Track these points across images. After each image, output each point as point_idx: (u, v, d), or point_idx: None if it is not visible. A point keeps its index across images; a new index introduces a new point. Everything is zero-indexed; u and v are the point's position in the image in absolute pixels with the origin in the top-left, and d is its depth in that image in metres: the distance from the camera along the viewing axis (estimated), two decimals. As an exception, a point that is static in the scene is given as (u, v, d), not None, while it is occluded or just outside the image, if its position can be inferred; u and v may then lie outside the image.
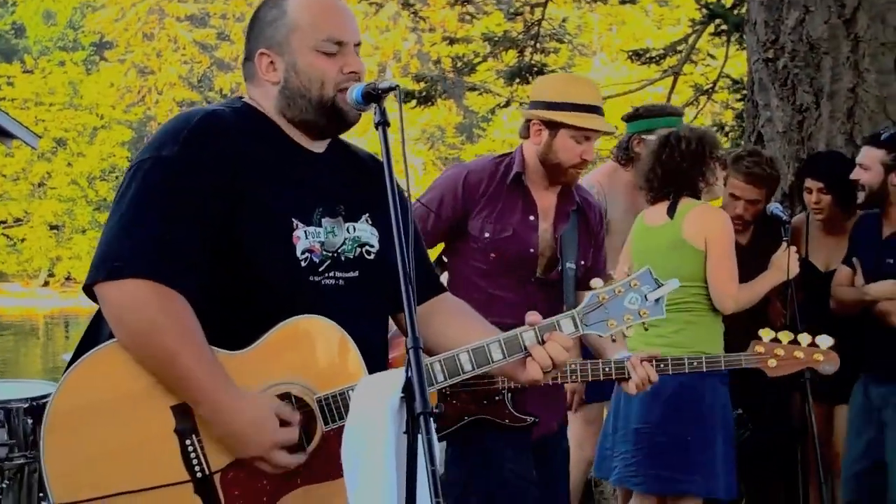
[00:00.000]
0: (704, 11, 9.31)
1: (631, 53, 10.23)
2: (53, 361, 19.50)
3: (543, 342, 2.50)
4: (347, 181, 2.61)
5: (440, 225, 3.82)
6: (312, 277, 2.46)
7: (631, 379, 3.54)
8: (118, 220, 2.35)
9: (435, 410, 2.10)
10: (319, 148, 2.60)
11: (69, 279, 39.92)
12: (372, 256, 2.58)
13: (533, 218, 3.82)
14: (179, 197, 2.35)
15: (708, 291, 4.59)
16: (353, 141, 2.74)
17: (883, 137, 4.77)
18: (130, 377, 2.33)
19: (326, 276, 2.49)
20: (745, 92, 6.60)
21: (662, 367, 3.61)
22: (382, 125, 2.34)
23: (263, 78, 2.55)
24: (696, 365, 3.69)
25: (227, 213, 2.38)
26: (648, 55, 9.88)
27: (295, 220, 2.46)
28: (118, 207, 2.38)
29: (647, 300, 2.57)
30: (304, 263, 2.45)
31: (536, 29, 10.05)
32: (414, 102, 10.45)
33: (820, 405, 5.03)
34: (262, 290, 2.40)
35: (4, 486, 3.70)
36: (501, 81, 10.61)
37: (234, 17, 44.28)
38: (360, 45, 2.57)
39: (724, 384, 4.49)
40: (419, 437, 2.08)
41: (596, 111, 3.77)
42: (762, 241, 5.10)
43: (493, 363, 2.49)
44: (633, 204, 5.29)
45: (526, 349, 2.50)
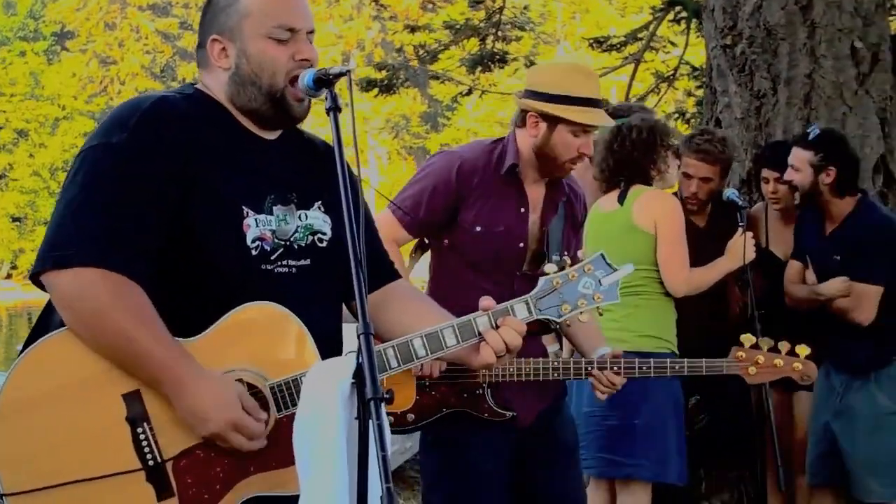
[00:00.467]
0: (664, -2, 9.34)
1: (592, 41, 10.25)
2: (16, 354, 19.34)
3: (497, 327, 2.50)
4: (300, 168, 2.59)
5: (432, 215, 3.68)
6: (264, 266, 2.45)
7: (597, 383, 3.60)
8: (65, 207, 2.33)
9: (385, 396, 2.10)
10: (272, 135, 2.58)
11: (32, 271, 39.58)
12: (324, 244, 2.57)
13: (524, 210, 3.71)
14: (128, 183, 2.33)
15: (659, 275, 4.61)
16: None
17: (810, 138, 4.80)
18: (81, 365, 2.31)
19: (279, 264, 2.47)
20: (704, 79, 6.62)
21: (645, 369, 3.62)
22: (333, 111, 2.31)
23: (215, 64, 2.53)
24: (678, 368, 3.70)
25: (177, 199, 2.36)
26: (609, 43, 9.90)
27: (245, 207, 2.44)
28: (65, 194, 2.36)
29: (601, 285, 2.57)
30: (254, 252, 2.43)
31: (498, 17, 10.04)
32: (376, 91, 10.42)
33: (780, 392, 5.07)
34: (213, 277, 2.38)
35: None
36: (464, 70, 10.60)
37: (196, 6, 43.96)
38: (313, 32, 2.55)
39: None
40: (370, 422, 2.08)
41: (596, 104, 3.64)
42: (719, 224, 5.13)
43: (447, 348, 2.48)
44: None
45: (480, 334, 2.49)
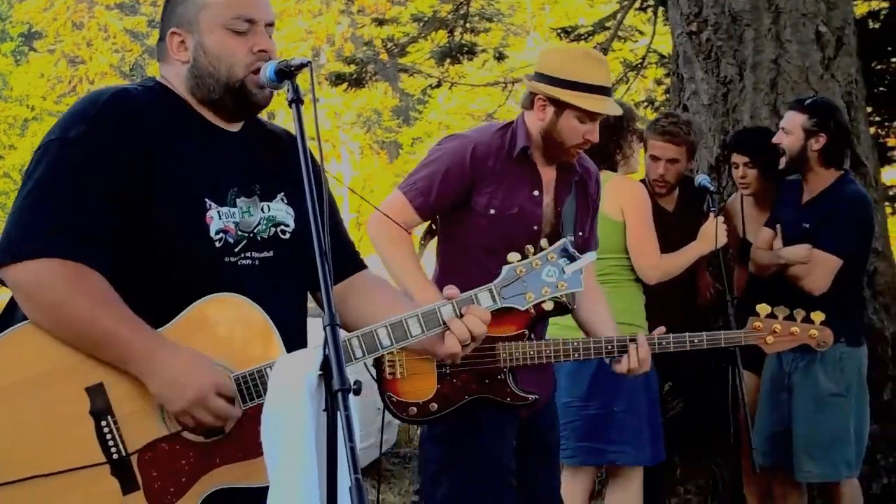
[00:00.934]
0: (631, -13, 9.35)
1: (560, 31, 10.26)
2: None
3: (462, 315, 2.50)
4: (263, 160, 2.59)
5: (445, 198, 3.65)
6: (228, 258, 2.45)
7: (626, 358, 3.54)
8: (22, 201, 2.32)
9: (353, 387, 2.10)
10: (234, 127, 2.57)
11: (4, 273, 39.28)
12: (287, 236, 2.57)
13: (538, 193, 3.68)
14: (85, 176, 2.32)
15: (627, 262, 4.62)
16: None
17: (807, 102, 4.82)
18: (43, 359, 2.30)
19: (242, 256, 2.47)
20: (671, 66, 6.64)
21: (664, 344, 3.61)
22: (295, 102, 2.32)
23: (174, 57, 2.52)
24: (696, 342, 3.67)
25: (138, 192, 2.35)
26: (577, 32, 9.90)
27: (208, 200, 2.43)
28: (23, 189, 2.35)
29: (564, 273, 2.58)
30: (218, 244, 2.43)
31: (466, 9, 10.03)
32: (346, 85, 10.39)
33: (754, 375, 5.10)
34: (176, 270, 2.38)
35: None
36: (433, 62, 10.58)
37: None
38: (272, 25, 2.55)
39: None
40: (338, 413, 2.08)
41: (606, 92, 3.62)
42: (688, 208, 5.15)
43: (411, 337, 2.48)
44: None
45: (444, 323, 2.50)
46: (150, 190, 2.36)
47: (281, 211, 2.57)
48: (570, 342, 3.60)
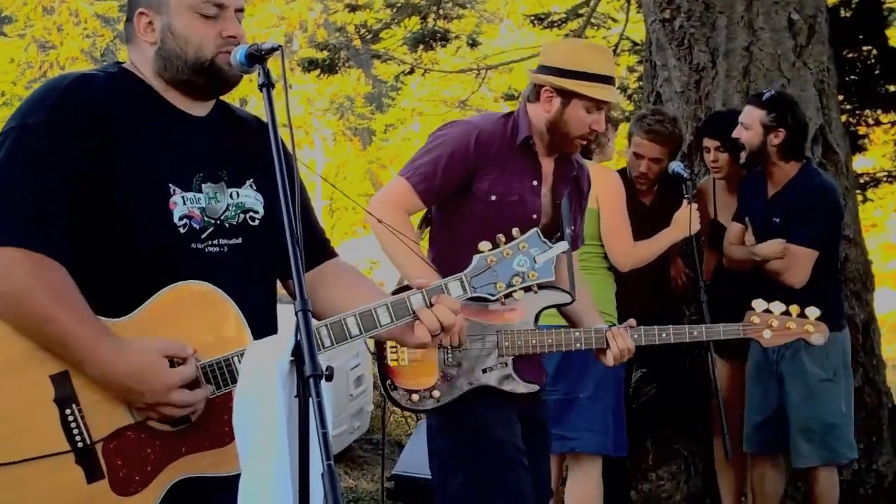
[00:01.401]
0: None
1: (533, 18, 10.24)
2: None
3: (431, 305, 2.48)
4: (231, 145, 2.56)
5: (448, 183, 3.63)
6: (195, 245, 2.42)
7: (609, 349, 3.56)
8: None
9: (325, 373, 2.09)
10: (201, 112, 2.54)
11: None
12: (256, 223, 2.54)
13: (536, 183, 3.69)
14: (46, 163, 2.29)
15: (601, 250, 4.63)
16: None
17: (765, 97, 4.83)
18: (7, 346, 2.27)
19: (209, 243, 2.44)
20: (644, 54, 6.65)
21: (664, 336, 3.62)
22: (266, 86, 2.29)
23: (141, 38, 2.49)
24: (695, 334, 3.69)
25: (100, 178, 2.32)
26: (550, 20, 9.89)
27: (172, 185, 2.41)
28: None
29: (535, 262, 2.55)
30: (182, 230, 2.40)
31: (439, -6, 10.01)
32: (318, 71, 10.34)
33: (730, 361, 5.12)
34: (141, 256, 2.35)
35: None
36: (406, 49, 10.55)
37: (136, -11, 43.27)
38: (242, 11, 2.52)
39: None
40: (310, 399, 2.07)
41: (611, 82, 3.64)
42: (665, 200, 5.17)
43: (380, 327, 2.46)
44: None
45: (414, 313, 2.47)
46: (112, 175, 2.33)
47: (250, 197, 2.54)
48: (571, 332, 3.60)
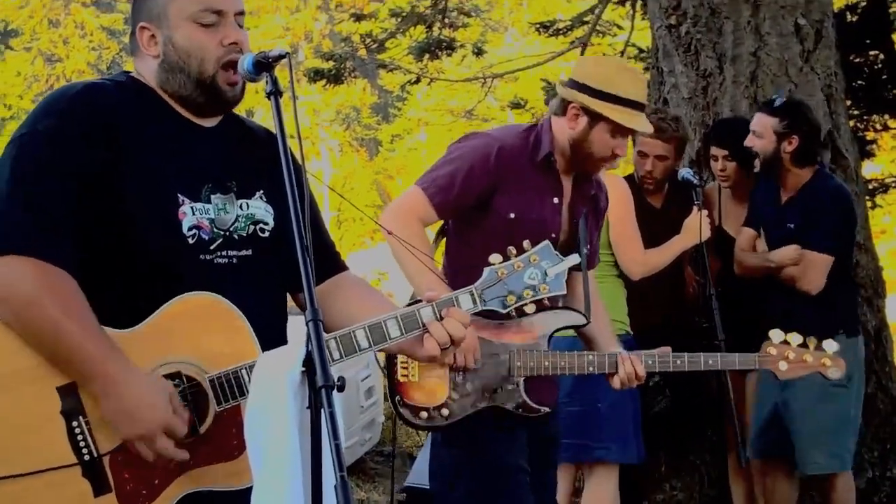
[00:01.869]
0: (609, -19, 9.34)
1: (538, 25, 10.23)
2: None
3: (442, 318, 2.45)
4: (240, 157, 2.54)
5: (465, 197, 3.54)
6: (203, 256, 2.40)
7: (617, 374, 3.53)
8: None
9: (337, 383, 2.07)
10: (210, 122, 2.52)
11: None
12: (266, 234, 2.52)
13: (557, 201, 3.62)
14: (56, 171, 2.28)
15: (611, 258, 4.62)
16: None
17: (776, 105, 4.81)
18: (15, 357, 2.25)
19: (219, 254, 2.43)
20: (651, 60, 6.63)
21: (679, 363, 3.58)
22: (274, 95, 2.28)
23: (145, 52, 2.48)
24: (711, 363, 3.65)
25: (108, 186, 2.31)
26: (556, 27, 9.88)
27: (181, 195, 2.39)
28: None
29: (547, 275, 2.52)
30: (191, 241, 2.38)
31: (444, 3, 10.00)
32: (324, 82, 10.34)
33: (733, 373, 5.08)
34: (150, 267, 2.34)
35: None
36: (412, 58, 10.54)
37: (139, 3, 43.31)
38: (242, 14, 2.49)
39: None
40: (322, 411, 2.05)
41: (641, 108, 3.56)
42: (675, 205, 5.14)
43: (390, 340, 2.43)
44: None
45: (424, 325, 2.44)
46: (121, 183, 2.32)
47: (260, 209, 2.52)
48: (584, 355, 3.57)
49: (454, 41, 10.22)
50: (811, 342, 3.60)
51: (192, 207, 2.40)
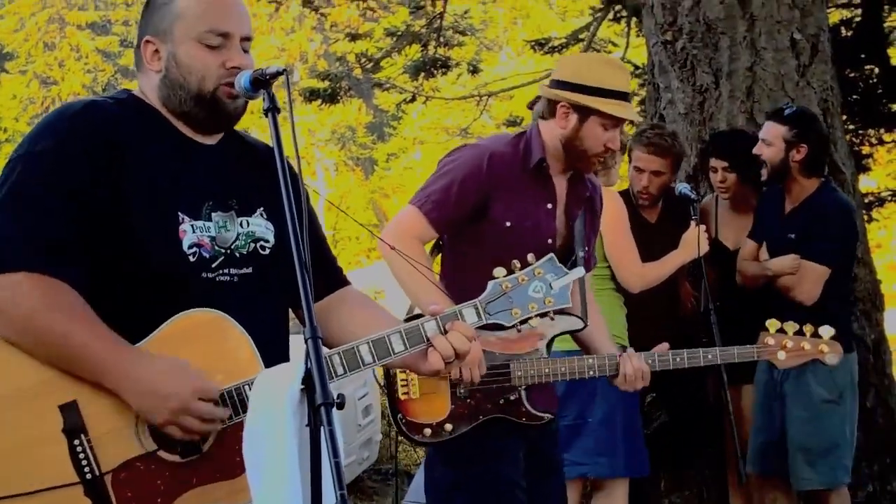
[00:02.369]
0: (604, -2, 9.37)
1: (533, 43, 10.25)
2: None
3: (446, 332, 2.44)
4: (241, 174, 2.53)
5: (461, 209, 3.53)
6: (205, 274, 2.39)
7: (619, 375, 3.54)
8: None
9: (337, 401, 2.06)
10: (210, 140, 2.52)
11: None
12: (267, 252, 2.51)
13: (551, 206, 3.61)
14: (55, 190, 2.27)
15: (608, 272, 4.61)
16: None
17: (786, 113, 4.81)
18: (16, 375, 2.24)
19: (220, 272, 2.41)
20: (647, 76, 6.64)
21: (678, 360, 3.58)
22: (272, 112, 2.27)
23: (148, 66, 2.47)
24: (710, 358, 3.65)
25: (108, 204, 2.30)
26: (550, 45, 9.90)
27: (181, 213, 2.38)
28: None
29: (552, 289, 2.51)
30: (192, 258, 2.37)
31: (439, 22, 10.02)
32: (319, 101, 10.36)
33: (736, 386, 5.07)
34: (151, 284, 2.33)
35: None
36: (407, 77, 10.56)
37: (136, 23, 43.46)
38: (249, 40, 2.49)
39: None
40: (321, 428, 2.03)
41: (628, 98, 3.57)
42: (670, 220, 5.14)
43: (394, 355, 2.42)
44: None
45: (428, 340, 2.43)
46: (122, 201, 2.31)
47: (260, 226, 2.51)
48: (584, 359, 3.56)
49: (449, 60, 10.25)
50: (808, 329, 3.60)
51: (192, 225, 2.39)
